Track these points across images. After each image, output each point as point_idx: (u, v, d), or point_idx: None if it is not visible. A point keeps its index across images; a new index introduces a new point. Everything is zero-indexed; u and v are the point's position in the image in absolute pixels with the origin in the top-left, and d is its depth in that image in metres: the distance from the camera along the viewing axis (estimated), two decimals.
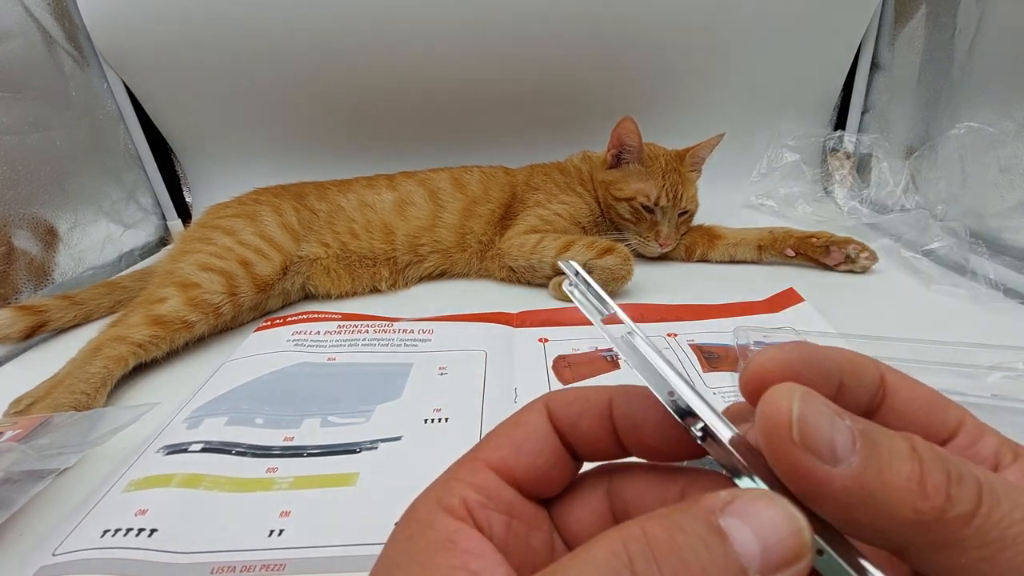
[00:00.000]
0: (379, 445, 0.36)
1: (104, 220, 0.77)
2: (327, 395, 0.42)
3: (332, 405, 0.40)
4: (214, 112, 0.87)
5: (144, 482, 0.33)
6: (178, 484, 0.32)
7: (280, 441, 0.36)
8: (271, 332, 0.52)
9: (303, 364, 0.46)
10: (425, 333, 0.51)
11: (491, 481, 0.16)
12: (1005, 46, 0.62)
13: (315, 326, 0.53)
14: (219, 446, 0.36)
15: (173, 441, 0.36)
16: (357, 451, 0.36)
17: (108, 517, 0.30)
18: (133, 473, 0.34)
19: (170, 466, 0.34)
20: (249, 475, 0.33)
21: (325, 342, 0.50)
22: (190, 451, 0.35)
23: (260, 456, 0.35)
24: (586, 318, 0.19)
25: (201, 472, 0.33)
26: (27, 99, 0.67)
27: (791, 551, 0.12)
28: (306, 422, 0.38)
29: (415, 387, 0.43)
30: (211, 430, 0.37)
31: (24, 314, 0.55)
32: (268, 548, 0.28)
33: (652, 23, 0.81)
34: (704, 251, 0.71)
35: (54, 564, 0.28)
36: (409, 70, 0.83)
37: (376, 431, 0.37)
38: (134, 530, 0.29)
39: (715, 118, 0.90)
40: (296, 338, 0.50)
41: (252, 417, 0.39)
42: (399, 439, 0.37)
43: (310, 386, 0.43)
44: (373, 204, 0.67)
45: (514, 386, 0.43)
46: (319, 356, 0.48)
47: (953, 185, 0.68)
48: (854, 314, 0.51)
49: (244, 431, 0.37)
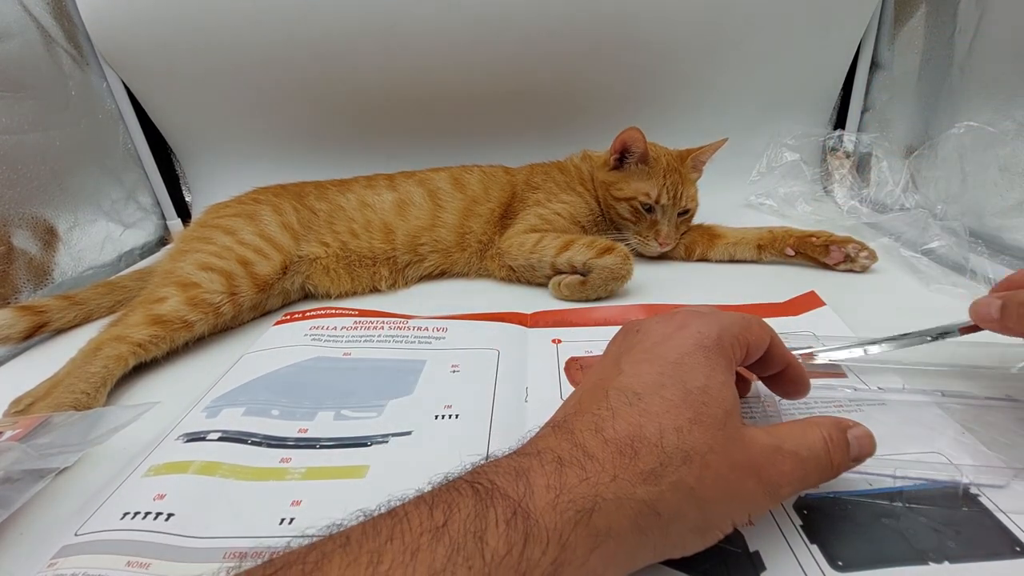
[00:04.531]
0: (390, 439, 0.37)
1: (104, 220, 0.77)
2: (342, 389, 0.43)
3: (346, 399, 0.41)
4: (214, 112, 0.87)
5: (163, 468, 0.34)
6: (196, 471, 0.33)
7: (295, 432, 0.37)
8: (289, 326, 0.54)
9: (320, 358, 0.47)
10: (439, 331, 0.52)
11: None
12: (1005, 46, 0.62)
13: (332, 321, 0.54)
14: (236, 435, 0.37)
15: (192, 429, 0.38)
16: (368, 444, 0.36)
17: (128, 500, 0.31)
18: (153, 459, 0.35)
19: (189, 453, 0.35)
20: (264, 464, 0.34)
21: (341, 337, 0.51)
22: (208, 439, 0.36)
23: (275, 446, 0.36)
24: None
25: (218, 460, 0.34)
26: (26, 99, 0.67)
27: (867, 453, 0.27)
28: (320, 415, 0.39)
29: (427, 383, 0.43)
30: (229, 420, 0.38)
31: (25, 314, 0.55)
32: (279, 536, 0.29)
33: (652, 22, 0.81)
34: (704, 250, 0.70)
35: (76, 543, 0.28)
36: (409, 70, 0.83)
37: (387, 425, 0.38)
38: (152, 514, 0.30)
39: (715, 117, 0.91)
40: (313, 332, 0.52)
41: (268, 408, 0.40)
42: (409, 434, 0.37)
43: (325, 380, 0.44)
44: (373, 204, 0.67)
45: (525, 385, 0.43)
46: (335, 351, 0.49)
47: (953, 184, 0.68)
48: (854, 313, 0.51)
49: (260, 422, 0.38)
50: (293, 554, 0.18)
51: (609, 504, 0.20)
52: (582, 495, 0.20)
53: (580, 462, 0.21)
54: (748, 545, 0.28)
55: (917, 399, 0.37)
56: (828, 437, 0.25)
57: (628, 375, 0.25)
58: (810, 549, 0.27)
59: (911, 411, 0.36)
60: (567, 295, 0.60)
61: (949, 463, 0.32)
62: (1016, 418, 0.34)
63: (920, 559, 0.27)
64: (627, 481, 0.21)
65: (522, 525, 0.19)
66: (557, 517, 0.19)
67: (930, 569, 0.26)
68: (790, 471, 0.24)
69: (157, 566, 0.27)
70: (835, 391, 0.39)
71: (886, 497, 0.30)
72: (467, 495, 0.20)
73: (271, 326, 0.55)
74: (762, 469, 0.24)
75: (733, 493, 0.23)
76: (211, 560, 0.27)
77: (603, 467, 0.21)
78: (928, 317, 0.52)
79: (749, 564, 0.27)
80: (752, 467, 0.23)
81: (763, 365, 0.30)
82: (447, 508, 0.19)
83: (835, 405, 0.37)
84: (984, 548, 0.27)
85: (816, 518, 0.29)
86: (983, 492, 0.30)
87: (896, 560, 0.27)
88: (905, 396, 0.38)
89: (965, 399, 0.37)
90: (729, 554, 0.27)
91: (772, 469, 0.24)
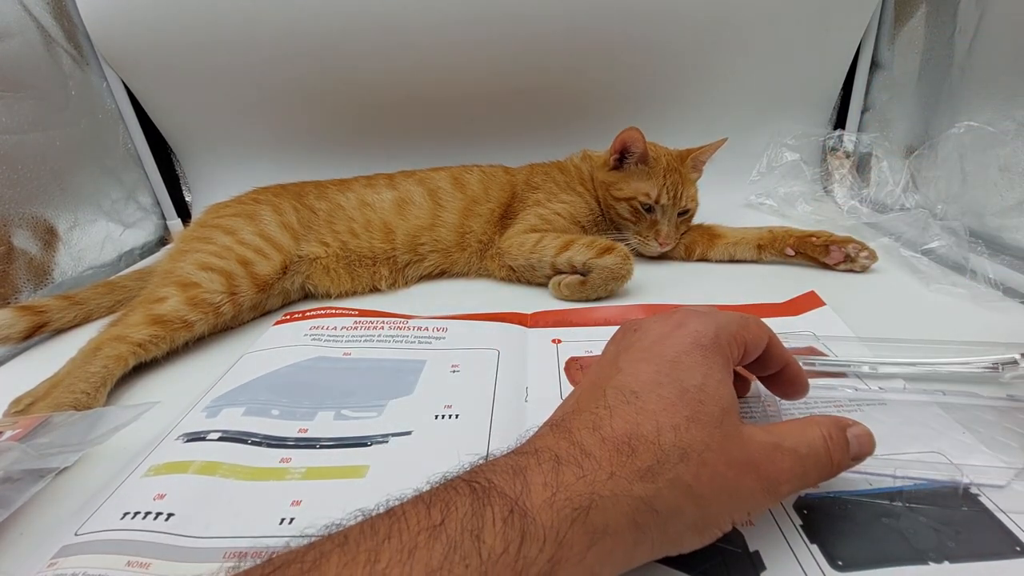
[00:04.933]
0: (390, 439, 0.37)
1: (104, 219, 0.77)
2: (342, 389, 0.43)
3: (346, 399, 0.41)
4: (214, 111, 0.87)
5: (163, 468, 0.34)
6: (196, 471, 0.33)
7: (295, 432, 0.38)
8: (290, 326, 0.54)
9: (320, 358, 0.48)
10: (439, 331, 0.52)
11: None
12: (1005, 46, 0.62)
13: (332, 321, 0.54)
14: (236, 435, 0.37)
15: (192, 429, 0.38)
16: (368, 444, 0.36)
17: (128, 500, 0.31)
18: (153, 459, 0.35)
19: (189, 453, 0.35)
20: (263, 464, 0.34)
21: (341, 337, 0.51)
22: (208, 439, 0.36)
23: (275, 446, 0.36)
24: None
25: (218, 460, 0.34)
26: (26, 98, 0.67)
27: (866, 452, 0.27)
28: (320, 415, 0.39)
29: (427, 383, 0.43)
30: (229, 420, 0.38)
31: (25, 314, 0.55)
32: (279, 535, 0.29)
33: (652, 23, 0.81)
34: (704, 250, 0.70)
35: (76, 543, 0.28)
36: (409, 70, 0.83)
37: (387, 425, 0.38)
38: (152, 513, 0.30)
39: (715, 117, 0.91)
40: (314, 332, 0.52)
41: (268, 408, 0.40)
42: (409, 434, 0.37)
43: (325, 380, 0.44)
44: (373, 203, 0.67)
45: (525, 385, 0.43)
46: (335, 351, 0.49)
47: (953, 184, 0.68)
48: (854, 313, 0.51)
49: (260, 422, 0.38)
50: (291, 553, 0.18)
51: (606, 501, 0.20)
52: (579, 493, 0.20)
53: (577, 460, 0.21)
54: (748, 545, 0.28)
55: (918, 399, 0.37)
56: (828, 435, 0.26)
57: (626, 374, 0.25)
58: (810, 549, 0.27)
59: (912, 411, 0.36)
60: (567, 295, 0.60)
61: (949, 463, 0.32)
62: (1016, 418, 0.34)
63: (920, 559, 0.27)
64: (624, 478, 0.21)
65: (519, 523, 0.19)
66: (554, 515, 0.20)
67: (930, 569, 0.26)
68: (789, 468, 0.24)
69: (157, 566, 0.27)
70: (835, 391, 0.39)
71: (886, 497, 0.30)
72: (464, 494, 0.20)
73: (271, 326, 0.55)
74: (761, 466, 0.24)
75: (731, 490, 0.23)
76: (211, 560, 0.27)
77: (600, 465, 0.21)
78: (928, 317, 0.52)
79: (749, 564, 0.27)
80: (750, 464, 0.24)
81: (761, 364, 0.31)
82: (444, 507, 0.19)
83: (835, 405, 0.37)
84: (984, 548, 0.27)
85: (816, 518, 0.29)
86: (983, 492, 0.30)
87: (896, 560, 0.27)
88: (906, 396, 0.38)
89: (966, 399, 0.37)
90: (729, 554, 0.27)
91: (771, 467, 0.24)
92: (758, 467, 0.24)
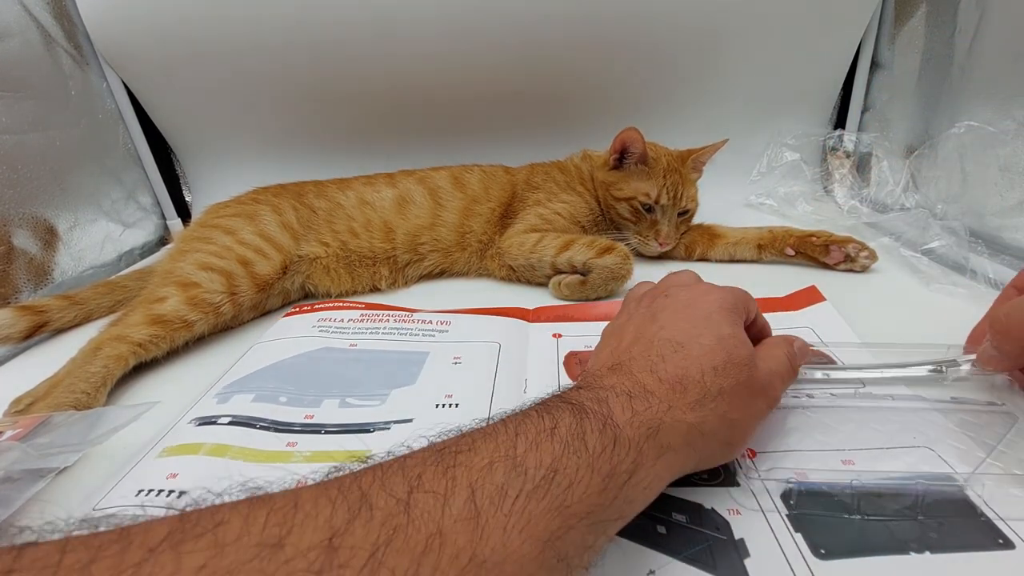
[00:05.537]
0: (392, 426, 0.38)
1: (104, 219, 0.77)
2: (347, 378, 0.44)
3: (351, 388, 0.43)
4: (214, 111, 0.87)
5: (176, 449, 0.36)
6: (206, 452, 0.35)
7: (301, 419, 0.39)
8: (299, 318, 0.55)
9: (327, 349, 0.49)
10: (443, 324, 0.53)
11: None
12: (1005, 46, 0.62)
13: (340, 314, 0.55)
14: (245, 420, 0.38)
15: (204, 414, 0.39)
16: (371, 431, 0.38)
17: (143, 478, 0.33)
18: (167, 440, 0.37)
19: (200, 436, 0.37)
20: (271, 448, 0.36)
21: (348, 329, 0.53)
22: (219, 423, 0.38)
23: (282, 431, 0.38)
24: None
25: (227, 443, 0.36)
26: (26, 98, 0.67)
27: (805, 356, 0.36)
28: (326, 402, 0.41)
29: (430, 374, 0.45)
30: (239, 405, 0.40)
31: (25, 314, 0.55)
32: None
33: (652, 22, 0.81)
34: (704, 250, 0.70)
35: (94, 517, 0.29)
36: (409, 69, 0.83)
37: (390, 413, 0.40)
38: (165, 491, 0.32)
39: (715, 117, 0.91)
40: (321, 324, 0.53)
41: (277, 395, 0.41)
42: (410, 421, 0.39)
43: (332, 369, 0.46)
44: (373, 203, 0.67)
45: (524, 377, 0.44)
46: (342, 342, 0.50)
47: (953, 184, 0.68)
48: (854, 313, 0.51)
49: (268, 408, 0.40)
50: (451, 441, 0.24)
51: (668, 427, 0.26)
52: (649, 419, 0.26)
53: (643, 396, 0.27)
54: (734, 533, 0.28)
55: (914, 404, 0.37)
56: (789, 353, 0.34)
57: (669, 329, 0.32)
58: (794, 537, 0.28)
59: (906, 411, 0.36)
60: (567, 295, 0.60)
61: (943, 461, 0.32)
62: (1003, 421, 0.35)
63: (901, 549, 0.27)
64: (680, 410, 0.27)
65: (611, 432, 0.25)
66: (634, 431, 0.25)
67: (911, 559, 0.26)
68: (779, 384, 0.33)
69: None
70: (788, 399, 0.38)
71: (872, 492, 0.30)
72: (566, 411, 0.25)
73: (281, 317, 0.56)
74: (767, 389, 0.31)
75: (752, 412, 0.30)
76: None
77: (661, 400, 0.27)
78: (928, 317, 0.52)
79: (734, 551, 0.27)
80: (762, 390, 0.31)
81: (748, 333, 0.37)
82: (552, 419, 0.25)
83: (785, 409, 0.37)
84: (966, 540, 0.27)
85: (801, 508, 0.29)
86: (970, 488, 0.30)
87: (878, 549, 0.27)
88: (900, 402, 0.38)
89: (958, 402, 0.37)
90: (715, 541, 0.28)
91: (771, 388, 0.32)
92: (766, 390, 0.31)
